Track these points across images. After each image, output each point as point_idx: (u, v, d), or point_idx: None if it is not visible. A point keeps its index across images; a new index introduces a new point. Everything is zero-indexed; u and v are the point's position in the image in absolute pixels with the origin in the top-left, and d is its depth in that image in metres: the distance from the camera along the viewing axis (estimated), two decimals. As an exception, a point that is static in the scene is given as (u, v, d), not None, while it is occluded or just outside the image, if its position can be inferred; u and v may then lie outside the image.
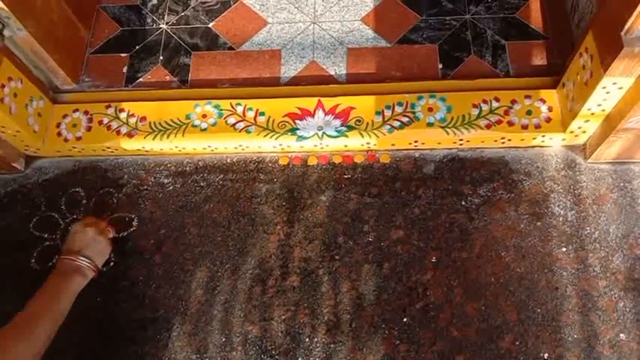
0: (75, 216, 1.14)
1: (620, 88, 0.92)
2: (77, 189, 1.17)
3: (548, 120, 1.08)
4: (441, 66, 1.19)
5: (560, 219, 1.06)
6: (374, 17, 1.27)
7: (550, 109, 1.09)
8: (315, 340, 1.01)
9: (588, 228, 1.05)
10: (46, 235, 1.13)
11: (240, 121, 1.13)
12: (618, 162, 1.09)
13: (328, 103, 1.14)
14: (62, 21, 1.19)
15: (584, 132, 1.07)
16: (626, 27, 0.82)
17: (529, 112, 1.09)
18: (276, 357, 1.00)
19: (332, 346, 1.00)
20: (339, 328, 1.01)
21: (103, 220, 1.09)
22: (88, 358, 1.02)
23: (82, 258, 0.98)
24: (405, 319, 1.01)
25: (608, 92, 0.93)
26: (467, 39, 1.22)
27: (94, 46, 1.30)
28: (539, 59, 1.19)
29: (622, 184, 1.08)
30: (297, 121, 1.13)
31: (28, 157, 1.20)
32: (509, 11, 1.25)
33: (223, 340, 1.02)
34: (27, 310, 0.88)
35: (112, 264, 1.08)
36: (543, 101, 1.10)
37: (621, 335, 0.97)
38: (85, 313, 1.04)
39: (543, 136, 1.08)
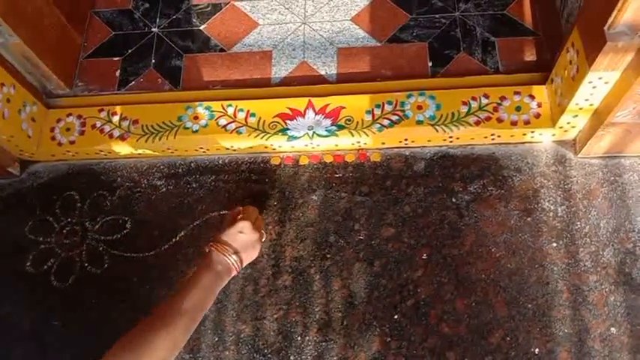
0: (70, 219, 1.15)
1: (607, 82, 0.92)
2: (72, 192, 1.18)
3: (538, 116, 1.09)
4: (430, 64, 1.20)
5: (551, 214, 1.06)
6: (364, 17, 1.28)
7: (539, 105, 1.09)
8: (307, 338, 1.01)
9: (579, 223, 1.05)
10: (41, 239, 1.14)
11: (231, 123, 1.14)
12: (608, 156, 1.10)
13: (318, 102, 1.15)
14: (54, 26, 1.20)
15: (573, 127, 1.07)
16: (609, 22, 0.82)
17: (518, 109, 1.09)
18: (269, 356, 1.01)
19: (324, 344, 1.01)
20: (330, 327, 1.02)
21: (262, 220, 1.05)
22: (85, 359, 1.03)
23: (235, 257, 0.92)
24: (395, 317, 1.01)
25: (594, 87, 0.93)
26: (456, 36, 1.22)
27: (88, 50, 1.31)
28: (529, 55, 1.19)
29: (612, 179, 1.08)
30: (288, 122, 1.14)
31: (24, 162, 1.22)
32: (499, 8, 1.25)
33: (216, 339, 1.02)
34: (171, 303, 0.85)
35: None
36: (532, 97, 1.10)
37: (612, 329, 0.97)
38: (82, 314, 1.06)
39: (533, 131, 1.09)
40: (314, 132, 1.12)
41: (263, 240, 1.02)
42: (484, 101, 1.10)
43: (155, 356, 0.80)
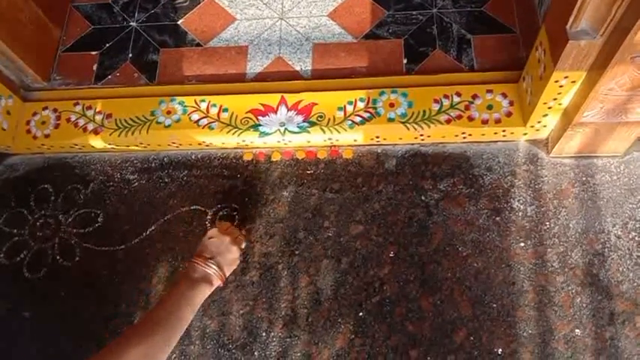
0: (43, 212, 1.16)
1: (573, 81, 0.91)
2: (46, 185, 1.19)
3: (509, 114, 1.08)
4: (405, 61, 1.19)
5: (520, 214, 1.05)
6: (340, 13, 1.27)
7: (511, 104, 1.08)
8: (272, 334, 1.02)
9: (548, 223, 1.04)
10: (15, 231, 1.15)
11: (203, 118, 1.14)
12: (581, 156, 1.09)
13: (291, 99, 1.15)
14: (31, 21, 1.21)
15: (544, 126, 1.06)
16: (571, 20, 0.81)
17: (490, 107, 1.08)
18: (233, 351, 1.01)
19: (288, 340, 1.01)
20: (295, 323, 1.02)
21: (238, 228, 1.05)
22: (52, 353, 1.05)
23: (213, 265, 0.93)
24: (360, 314, 1.01)
25: (561, 86, 0.92)
26: (432, 33, 1.21)
27: (66, 44, 1.32)
28: (504, 53, 1.18)
29: (584, 179, 1.07)
30: (260, 118, 1.14)
31: (0, 154, 1.23)
32: (477, 5, 1.24)
33: (182, 334, 1.03)
34: (149, 315, 0.85)
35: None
36: (505, 95, 1.09)
37: (576, 331, 0.96)
38: (49, 308, 1.07)
39: (504, 130, 1.08)
40: (286, 128, 1.12)
41: (243, 246, 1.03)
42: (456, 99, 1.10)
43: None
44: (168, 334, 0.83)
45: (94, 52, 1.29)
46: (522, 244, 1.03)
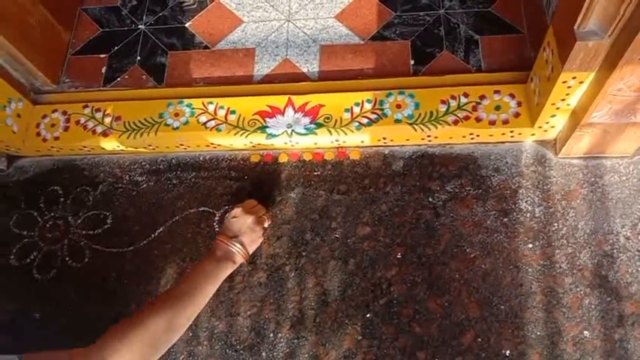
0: (53, 214, 1.17)
1: (581, 82, 0.91)
2: (56, 187, 1.20)
3: (517, 115, 1.07)
4: (412, 62, 1.19)
5: (528, 215, 1.05)
6: (348, 14, 1.27)
7: (519, 104, 1.08)
8: (280, 335, 1.02)
9: (556, 224, 1.04)
10: (25, 233, 1.16)
11: (211, 120, 1.15)
12: (589, 157, 1.08)
13: (298, 100, 1.15)
14: (40, 24, 1.22)
15: (552, 127, 1.05)
16: (579, 21, 0.81)
17: (497, 108, 1.08)
18: (241, 352, 1.02)
19: (295, 341, 1.01)
20: (303, 324, 1.02)
21: (262, 207, 1.07)
22: (61, 352, 1.05)
23: (236, 244, 0.97)
24: (368, 315, 1.01)
25: (569, 87, 0.92)
26: (440, 34, 1.21)
27: (76, 47, 1.33)
28: (512, 54, 1.18)
29: (593, 180, 1.06)
30: (267, 119, 1.14)
31: (11, 157, 1.24)
32: (484, 5, 1.23)
33: (190, 334, 1.04)
34: (171, 289, 0.90)
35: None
36: (512, 96, 1.09)
37: (585, 332, 0.96)
38: (58, 309, 1.08)
39: (512, 131, 1.07)
40: (293, 130, 1.12)
41: (266, 225, 1.06)
42: (463, 100, 1.10)
43: (152, 336, 0.83)
44: (190, 308, 0.88)
45: (102, 55, 1.30)
46: (530, 246, 1.03)
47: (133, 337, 0.81)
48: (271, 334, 1.02)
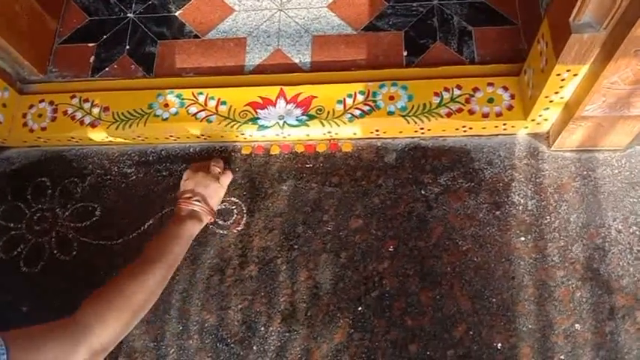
0: (40, 205, 1.15)
1: (575, 75, 0.90)
2: (43, 179, 1.18)
3: (510, 108, 1.07)
4: (406, 53, 1.18)
5: (520, 208, 1.05)
6: (340, 4, 1.26)
7: (512, 97, 1.07)
8: (271, 328, 1.01)
9: (548, 217, 1.04)
10: (11, 225, 1.14)
11: (201, 111, 1.13)
12: (582, 150, 1.08)
13: (290, 91, 1.14)
14: (26, 12, 1.19)
15: (545, 120, 1.05)
16: (574, 13, 0.80)
17: (490, 100, 1.07)
18: (232, 345, 1.01)
19: (287, 334, 1.01)
20: (294, 317, 1.01)
21: (212, 160, 1.08)
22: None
23: (195, 202, 0.99)
24: (360, 308, 1.01)
25: (563, 79, 0.91)
26: (433, 25, 1.20)
27: (63, 36, 1.30)
28: (506, 45, 1.17)
29: (585, 173, 1.06)
30: (259, 111, 1.13)
31: (-2, 147, 1.22)
32: (478, -4, 1.22)
33: (180, 328, 1.03)
34: (142, 255, 0.91)
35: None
36: (506, 89, 1.08)
37: (576, 325, 0.96)
38: (47, 302, 1.06)
39: (505, 124, 1.07)
40: (284, 121, 1.11)
41: (217, 171, 1.06)
42: (456, 92, 1.09)
43: (131, 301, 0.83)
44: (164, 270, 0.90)
45: (90, 44, 1.28)
46: (522, 239, 1.02)
47: (112, 305, 0.81)
48: (262, 328, 1.01)
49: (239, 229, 1.08)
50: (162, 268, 0.89)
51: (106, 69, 1.25)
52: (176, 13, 1.29)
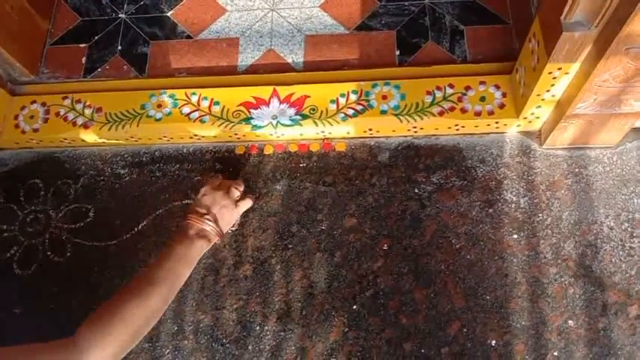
0: (33, 207, 1.14)
1: (567, 73, 0.91)
2: (36, 180, 1.17)
3: (502, 106, 1.07)
4: (398, 52, 1.18)
5: (513, 206, 1.05)
6: (332, 4, 1.26)
7: (504, 95, 1.08)
8: (266, 328, 1.01)
9: (541, 214, 1.04)
10: (4, 227, 1.14)
11: (194, 111, 1.13)
12: (574, 147, 1.09)
13: (283, 91, 1.14)
14: (17, 12, 1.19)
15: (537, 118, 1.06)
16: (565, 11, 0.80)
17: (482, 99, 1.08)
18: (227, 345, 1.01)
19: (282, 334, 1.01)
20: (289, 316, 1.02)
21: (234, 182, 1.04)
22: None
23: (208, 221, 0.95)
24: (354, 307, 1.01)
25: (554, 78, 0.92)
26: (425, 24, 1.20)
27: (54, 37, 1.30)
28: (498, 44, 1.17)
29: (577, 170, 1.07)
30: (252, 110, 1.13)
31: (-11, 149, 1.21)
32: (469, -5, 1.23)
33: (175, 328, 1.03)
34: (144, 273, 0.87)
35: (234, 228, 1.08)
36: (497, 87, 1.09)
37: (570, 322, 0.97)
38: (40, 304, 1.06)
39: (497, 122, 1.07)
40: (278, 121, 1.11)
41: (236, 196, 1.02)
42: (449, 91, 1.09)
43: (130, 324, 0.81)
44: (167, 291, 0.86)
45: (82, 45, 1.28)
46: (515, 236, 1.03)
47: (111, 328, 0.79)
48: (257, 327, 1.01)
49: (233, 229, 1.08)
50: (165, 290, 0.86)
51: (98, 70, 1.24)
52: (168, 14, 1.29)
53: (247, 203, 1.05)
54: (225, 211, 0.98)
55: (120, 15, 1.30)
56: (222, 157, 1.15)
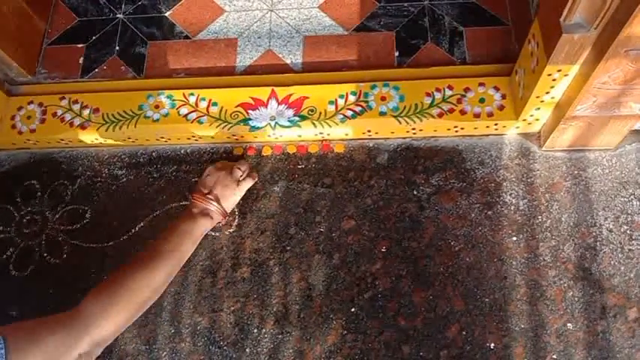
0: (30, 208, 1.14)
1: (566, 75, 0.90)
2: (33, 181, 1.17)
3: (501, 108, 1.07)
4: (397, 54, 1.18)
5: (512, 208, 1.05)
6: (331, 4, 1.25)
7: (504, 97, 1.08)
8: (264, 330, 1.01)
9: (540, 217, 1.04)
10: (1, 228, 1.13)
11: (192, 112, 1.13)
12: (573, 149, 1.08)
13: (282, 92, 1.13)
14: (14, 13, 1.18)
15: (537, 120, 1.05)
16: (565, 13, 0.80)
17: (482, 100, 1.07)
18: (224, 348, 1.00)
19: (280, 336, 1.00)
20: (287, 319, 1.01)
21: (236, 163, 1.07)
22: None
23: (211, 200, 0.98)
24: (353, 309, 1.01)
25: (554, 79, 0.92)
26: (424, 26, 1.20)
27: (52, 37, 1.29)
28: (497, 46, 1.17)
29: (576, 172, 1.07)
30: (250, 111, 1.12)
31: (-14, 150, 1.21)
32: (469, -4, 1.23)
33: (172, 331, 1.02)
34: (150, 248, 0.90)
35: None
36: (497, 89, 1.08)
37: (568, 325, 0.96)
38: (36, 306, 1.05)
39: (496, 124, 1.07)
40: (276, 122, 1.11)
41: (240, 176, 1.04)
42: (448, 93, 1.09)
43: (136, 296, 0.83)
44: (171, 266, 0.89)
45: (80, 45, 1.27)
46: (514, 238, 1.03)
47: (117, 299, 0.81)
48: (255, 330, 1.01)
49: (231, 230, 1.07)
50: (171, 264, 0.89)
51: (96, 70, 1.24)
52: (166, 14, 1.28)
53: (249, 182, 1.07)
54: (228, 190, 1.01)
55: (118, 15, 1.30)
56: (220, 159, 1.14)
